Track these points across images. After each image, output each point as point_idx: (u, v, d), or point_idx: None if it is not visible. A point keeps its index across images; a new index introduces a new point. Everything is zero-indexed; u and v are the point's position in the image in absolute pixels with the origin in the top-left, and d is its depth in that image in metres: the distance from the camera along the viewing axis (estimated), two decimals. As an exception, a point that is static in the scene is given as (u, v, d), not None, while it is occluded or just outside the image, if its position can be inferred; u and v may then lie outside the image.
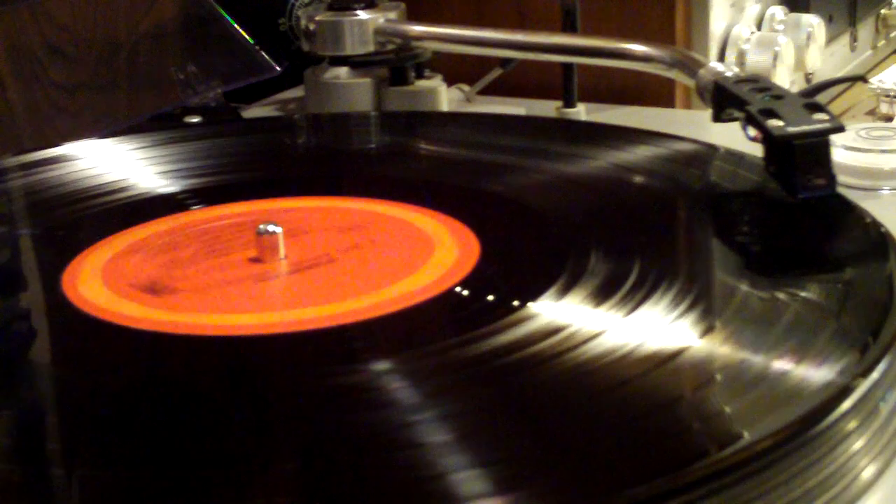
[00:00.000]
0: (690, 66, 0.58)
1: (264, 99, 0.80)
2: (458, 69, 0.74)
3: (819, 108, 0.48)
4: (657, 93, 0.73)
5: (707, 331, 0.38)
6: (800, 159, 0.47)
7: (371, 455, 0.32)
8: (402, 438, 0.33)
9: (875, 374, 0.34)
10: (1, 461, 0.34)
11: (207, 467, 0.33)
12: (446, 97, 0.71)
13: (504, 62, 0.71)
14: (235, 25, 0.75)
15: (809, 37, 0.79)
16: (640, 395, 0.35)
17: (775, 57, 0.75)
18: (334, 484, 0.31)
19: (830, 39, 0.85)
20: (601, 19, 0.73)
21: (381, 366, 0.38)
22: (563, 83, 0.69)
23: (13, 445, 0.35)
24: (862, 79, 0.78)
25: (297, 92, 0.78)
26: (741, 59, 0.76)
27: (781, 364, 0.35)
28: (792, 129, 0.47)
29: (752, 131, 0.49)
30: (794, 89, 0.76)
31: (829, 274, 0.43)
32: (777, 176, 0.49)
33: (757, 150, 0.50)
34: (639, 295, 0.40)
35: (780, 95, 0.50)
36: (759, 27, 0.79)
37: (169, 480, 0.32)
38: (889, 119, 0.80)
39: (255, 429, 0.34)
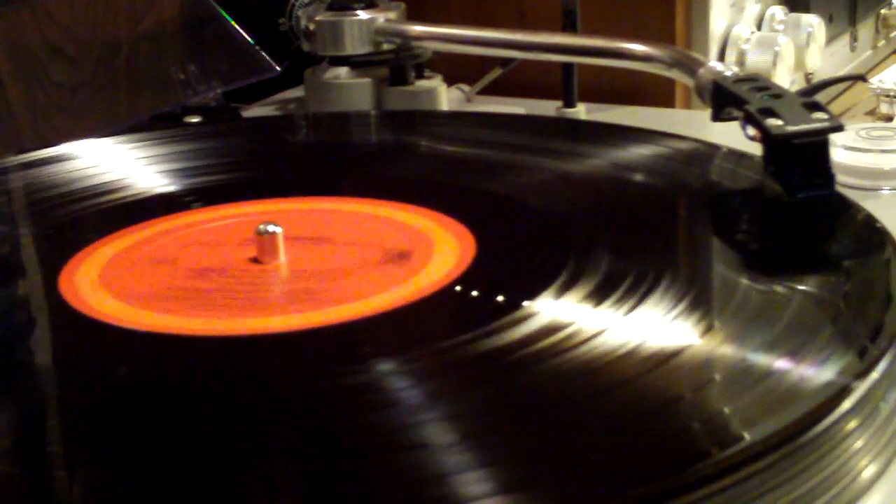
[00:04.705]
0: (690, 66, 0.58)
1: (264, 99, 0.80)
2: (458, 69, 0.74)
3: (818, 107, 0.48)
4: (657, 93, 0.73)
5: (707, 330, 0.38)
6: (798, 158, 0.47)
7: (371, 455, 0.32)
8: (402, 439, 0.33)
9: (875, 374, 0.34)
10: None
11: (208, 468, 0.33)
12: (446, 97, 0.71)
13: (504, 62, 0.71)
14: (235, 25, 0.75)
15: (809, 37, 0.79)
16: (640, 395, 0.35)
17: (775, 57, 0.75)
18: (336, 485, 0.31)
19: (830, 39, 0.85)
20: (601, 19, 0.73)
21: (381, 366, 0.38)
22: (563, 83, 0.69)
23: (11, 446, 0.35)
24: (862, 78, 0.78)
25: (297, 92, 0.78)
26: (741, 59, 0.76)
27: (781, 364, 0.35)
28: (791, 129, 0.47)
29: (752, 130, 0.49)
30: (794, 89, 0.76)
31: (828, 273, 0.43)
32: (776, 175, 0.49)
33: (756, 150, 0.50)
34: (638, 294, 0.40)
35: (779, 94, 0.50)
36: (759, 27, 0.79)
37: (169, 481, 0.32)
38: (889, 119, 0.80)
39: (255, 429, 0.34)
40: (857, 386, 0.33)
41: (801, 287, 0.41)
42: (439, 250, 0.46)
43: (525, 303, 0.40)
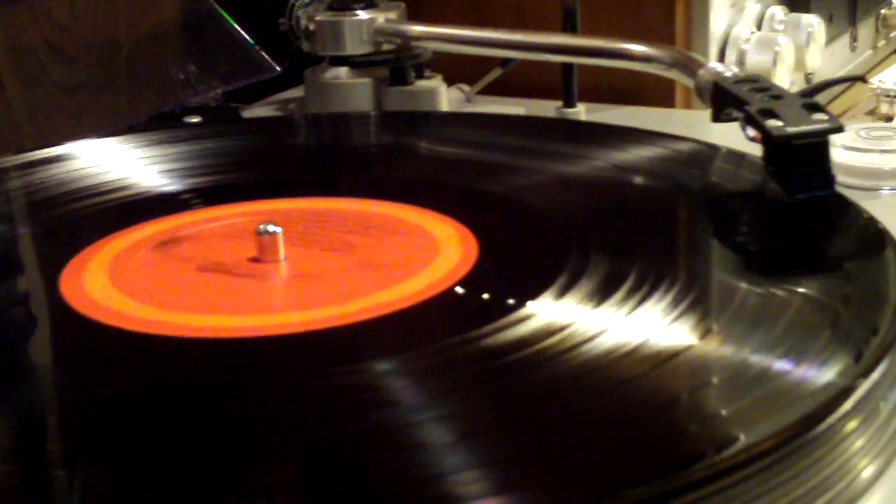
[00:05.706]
0: (690, 66, 0.58)
1: (264, 99, 0.80)
2: (458, 69, 0.74)
3: (818, 108, 0.48)
4: (657, 93, 0.73)
5: (707, 331, 0.38)
6: (798, 159, 0.47)
7: (371, 455, 0.32)
8: (402, 439, 0.33)
9: (875, 375, 0.34)
10: None
11: (208, 468, 0.33)
12: (446, 97, 0.71)
13: (504, 62, 0.71)
14: (235, 25, 0.75)
15: (809, 37, 0.79)
16: (640, 396, 0.35)
17: (775, 57, 0.75)
18: (335, 484, 0.31)
19: (830, 39, 0.85)
20: (601, 19, 0.73)
21: (382, 366, 0.38)
22: (563, 83, 0.68)
23: (12, 446, 0.35)
24: (862, 79, 0.78)
25: (297, 92, 0.78)
26: (741, 59, 0.76)
27: (781, 365, 0.35)
28: (791, 130, 0.47)
29: (752, 131, 0.49)
30: (794, 89, 0.76)
31: (828, 274, 0.43)
32: (776, 176, 0.49)
33: (756, 150, 0.50)
34: (638, 295, 0.40)
35: (779, 95, 0.50)
36: (759, 27, 0.79)
37: (169, 481, 0.32)
38: (889, 119, 0.80)
39: (255, 429, 0.34)
40: (857, 386, 0.33)
41: (801, 288, 0.41)
42: (440, 250, 0.46)
43: (526, 303, 0.40)
